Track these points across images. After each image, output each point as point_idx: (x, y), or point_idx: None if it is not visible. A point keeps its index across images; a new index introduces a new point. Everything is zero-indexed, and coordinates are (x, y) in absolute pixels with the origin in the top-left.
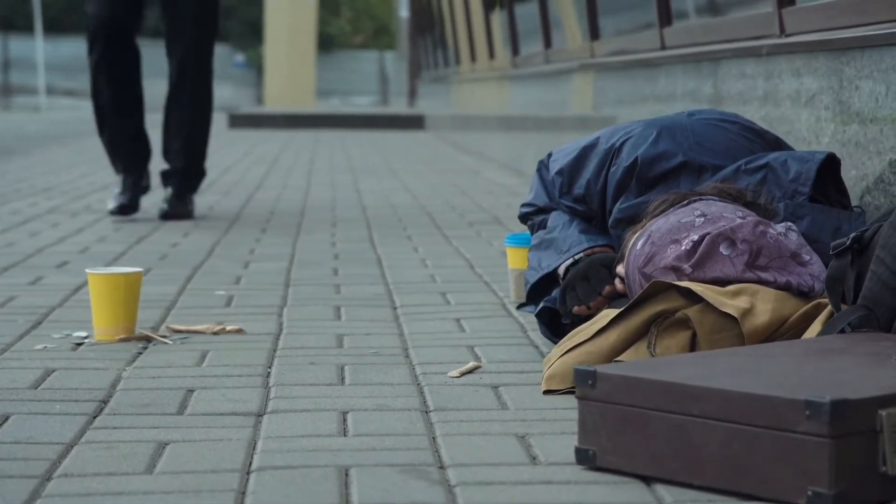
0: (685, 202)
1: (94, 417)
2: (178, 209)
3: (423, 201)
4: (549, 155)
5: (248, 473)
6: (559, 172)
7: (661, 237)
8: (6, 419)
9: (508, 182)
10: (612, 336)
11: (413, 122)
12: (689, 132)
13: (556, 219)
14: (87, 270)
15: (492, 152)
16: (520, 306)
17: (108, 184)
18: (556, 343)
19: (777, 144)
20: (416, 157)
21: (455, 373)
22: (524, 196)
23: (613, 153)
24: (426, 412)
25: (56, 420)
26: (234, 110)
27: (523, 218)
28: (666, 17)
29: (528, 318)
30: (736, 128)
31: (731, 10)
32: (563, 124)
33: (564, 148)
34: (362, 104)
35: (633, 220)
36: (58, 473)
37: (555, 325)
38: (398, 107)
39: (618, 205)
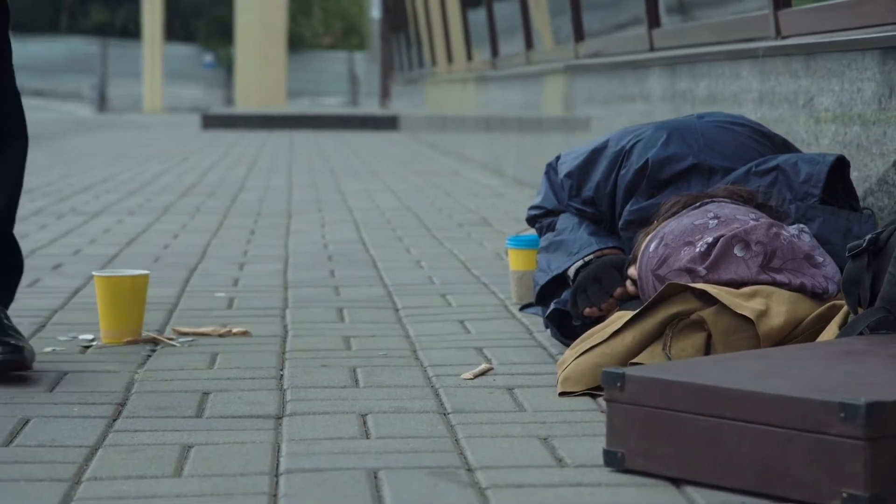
0: (697, 204)
1: (114, 420)
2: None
3: (408, 202)
4: (558, 157)
5: (276, 476)
6: (568, 175)
7: (675, 239)
8: (26, 422)
9: (491, 183)
10: (628, 338)
11: (387, 123)
12: (699, 134)
13: (564, 221)
14: (93, 273)
15: (471, 153)
16: (523, 307)
17: (90, 185)
18: (566, 345)
19: (785, 147)
20: (394, 158)
21: (468, 375)
22: (509, 197)
23: (623, 155)
24: (445, 414)
25: (76, 423)
26: (205, 111)
27: (531, 220)
28: (655, 19)
29: (533, 320)
30: (745, 130)
31: (723, 12)
32: (546, 125)
33: (573, 151)
34: (332, 105)
35: (643, 222)
36: (87, 477)
37: (565, 328)
38: (370, 107)
39: (628, 207)
